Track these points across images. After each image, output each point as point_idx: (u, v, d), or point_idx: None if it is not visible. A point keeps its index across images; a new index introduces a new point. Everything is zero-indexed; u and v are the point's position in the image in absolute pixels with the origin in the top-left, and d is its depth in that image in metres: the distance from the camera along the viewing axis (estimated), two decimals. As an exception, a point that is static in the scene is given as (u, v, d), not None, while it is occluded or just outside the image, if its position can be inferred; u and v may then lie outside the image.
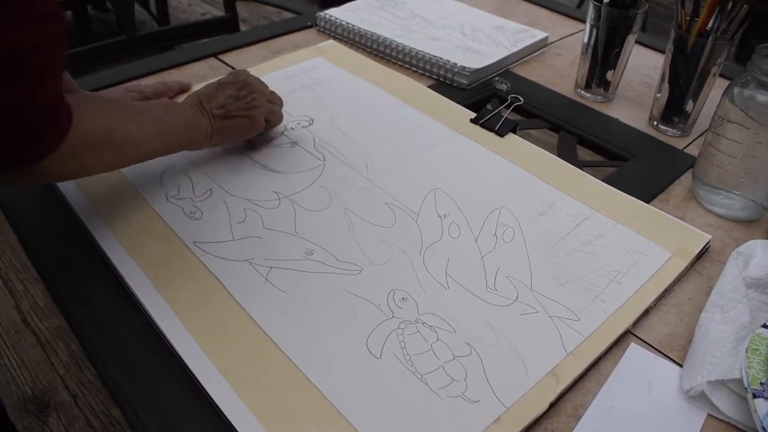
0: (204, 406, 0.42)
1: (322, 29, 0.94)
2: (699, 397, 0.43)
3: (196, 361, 0.44)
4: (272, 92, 0.66)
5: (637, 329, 0.49)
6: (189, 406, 0.42)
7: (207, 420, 0.41)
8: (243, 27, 1.43)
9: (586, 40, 0.77)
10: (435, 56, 0.82)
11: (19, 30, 0.37)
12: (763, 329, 0.44)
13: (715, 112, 0.59)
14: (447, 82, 0.82)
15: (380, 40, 0.87)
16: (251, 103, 0.61)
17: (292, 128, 0.69)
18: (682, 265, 0.54)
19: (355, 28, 0.89)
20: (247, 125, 0.61)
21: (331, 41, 0.90)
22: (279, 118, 0.66)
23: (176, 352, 0.44)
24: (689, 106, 0.71)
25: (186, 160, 0.63)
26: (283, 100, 0.74)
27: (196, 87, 0.75)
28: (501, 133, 0.69)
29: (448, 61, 0.81)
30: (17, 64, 0.38)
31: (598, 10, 0.73)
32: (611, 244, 0.55)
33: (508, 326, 0.47)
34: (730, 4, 0.62)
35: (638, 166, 0.68)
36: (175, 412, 0.42)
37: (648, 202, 0.62)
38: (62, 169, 0.46)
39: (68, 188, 0.58)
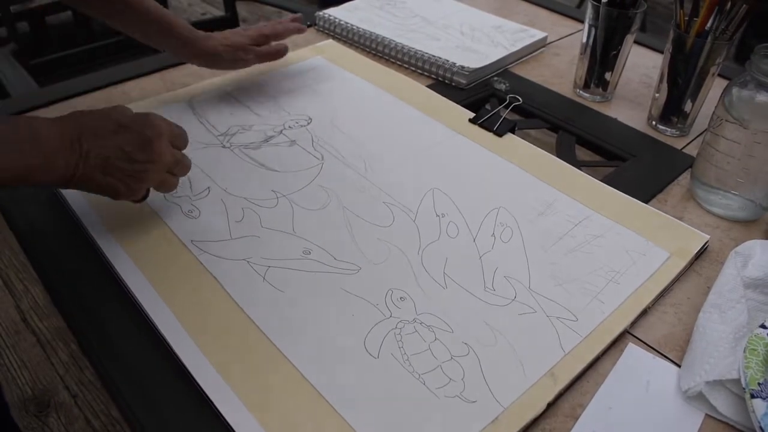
0: (202, 406, 0.42)
1: (321, 29, 0.94)
2: (697, 398, 0.43)
3: (194, 360, 0.44)
4: (181, 160, 0.53)
5: (635, 329, 0.49)
6: (187, 406, 0.42)
7: (205, 420, 0.41)
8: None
9: (584, 40, 0.77)
10: (434, 56, 0.82)
11: None
12: (761, 329, 0.44)
13: (714, 112, 0.59)
14: (446, 81, 0.82)
15: (379, 40, 0.87)
16: (141, 174, 0.49)
17: (290, 127, 0.69)
18: (680, 265, 0.54)
19: (355, 27, 0.89)
20: (120, 191, 0.49)
21: (330, 41, 0.90)
22: (170, 188, 0.54)
23: (174, 352, 0.44)
24: (688, 106, 0.71)
25: (184, 160, 0.63)
26: (283, 99, 0.74)
27: (196, 86, 0.76)
28: (500, 133, 0.69)
29: (447, 60, 0.81)
30: None
31: (596, 10, 0.73)
32: (609, 244, 0.55)
33: (506, 326, 0.47)
34: (729, 4, 0.62)
35: (637, 166, 0.68)
36: (173, 412, 0.42)
37: (646, 202, 0.61)
38: None
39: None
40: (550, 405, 0.43)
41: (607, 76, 0.78)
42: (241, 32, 0.72)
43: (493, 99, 0.81)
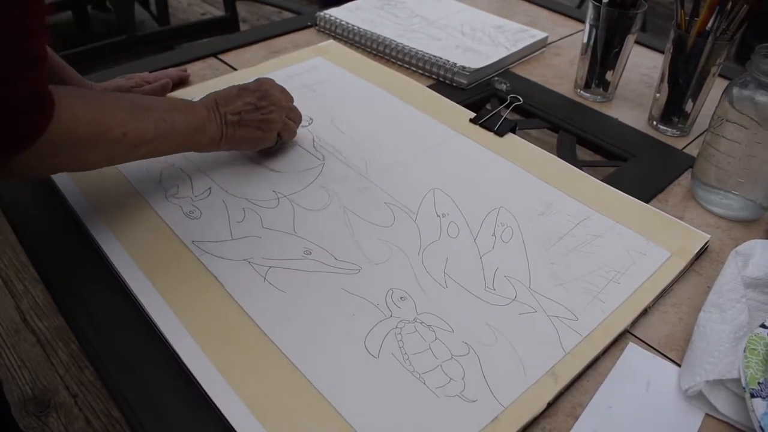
0: (203, 406, 0.42)
1: (322, 29, 0.94)
2: (697, 397, 0.43)
3: (195, 360, 0.44)
4: (293, 107, 0.64)
5: (635, 329, 0.49)
6: (188, 406, 0.42)
7: (206, 419, 0.41)
8: (243, 27, 1.43)
9: (585, 40, 0.77)
10: (435, 56, 0.82)
11: None
12: (762, 329, 0.44)
13: (715, 112, 0.59)
14: (446, 81, 0.82)
15: (380, 40, 0.87)
16: (268, 116, 0.59)
17: (291, 128, 0.69)
18: (680, 264, 0.54)
19: (355, 28, 0.89)
20: (258, 137, 0.60)
21: (331, 41, 0.90)
22: (292, 134, 0.64)
23: (175, 352, 0.44)
24: (688, 106, 0.71)
25: (185, 159, 0.63)
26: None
27: (196, 86, 0.76)
28: (500, 133, 0.69)
29: (448, 60, 0.81)
30: None
31: (597, 10, 0.73)
32: (610, 243, 0.55)
33: (506, 326, 0.47)
34: (730, 4, 0.62)
35: (637, 166, 0.68)
36: (174, 412, 0.42)
37: (647, 202, 0.62)
38: (41, 165, 0.44)
39: (67, 187, 0.58)
40: (550, 404, 0.43)
41: (608, 76, 0.78)
42: (128, 77, 0.74)
43: (493, 99, 0.81)
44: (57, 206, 0.58)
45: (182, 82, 0.77)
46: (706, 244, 0.56)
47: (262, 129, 0.59)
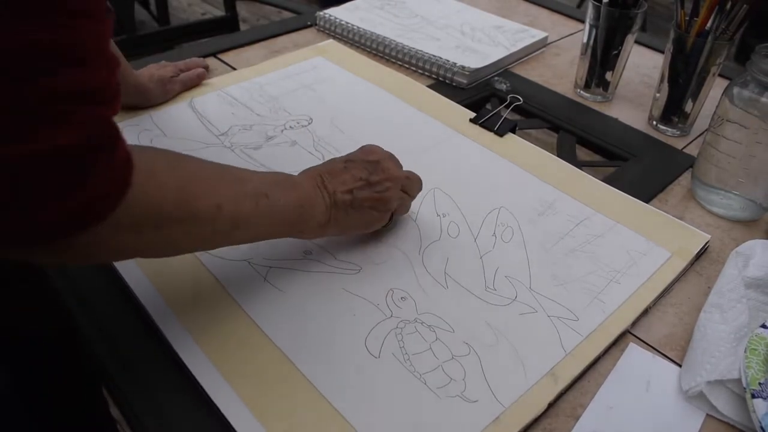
0: (203, 406, 0.42)
1: (321, 29, 0.94)
2: (698, 397, 0.43)
3: (195, 360, 0.44)
4: (408, 175, 0.53)
5: (636, 329, 0.49)
6: (188, 406, 0.42)
7: (206, 419, 0.41)
8: (243, 27, 1.43)
9: (585, 40, 0.77)
10: (434, 56, 0.82)
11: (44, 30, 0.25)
12: (762, 329, 0.44)
13: (715, 112, 0.59)
14: (446, 81, 0.82)
15: (380, 40, 0.87)
16: (383, 194, 0.49)
17: (291, 127, 0.69)
18: (681, 265, 0.54)
19: (355, 27, 0.89)
20: (373, 219, 0.50)
21: (331, 41, 0.90)
22: (407, 208, 0.55)
23: (175, 352, 0.44)
24: (688, 106, 0.71)
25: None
26: (284, 99, 0.74)
27: (197, 87, 0.76)
28: (500, 133, 0.69)
29: (448, 60, 0.81)
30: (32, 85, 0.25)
31: (597, 10, 0.73)
32: (610, 243, 0.55)
33: (506, 326, 0.47)
34: (730, 4, 0.62)
35: (637, 166, 0.68)
36: (174, 412, 0.42)
37: (647, 202, 0.62)
38: (111, 247, 0.33)
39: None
40: (551, 405, 0.43)
41: (608, 76, 0.78)
42: (162, 65, 0.74)
43: (493, 99, 0.81)
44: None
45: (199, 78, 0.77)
46: (706, 244, 0.56)
47: (377, 209, 0.49)
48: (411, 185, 0.53)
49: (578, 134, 0.74)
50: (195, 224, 0.37)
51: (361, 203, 0.48)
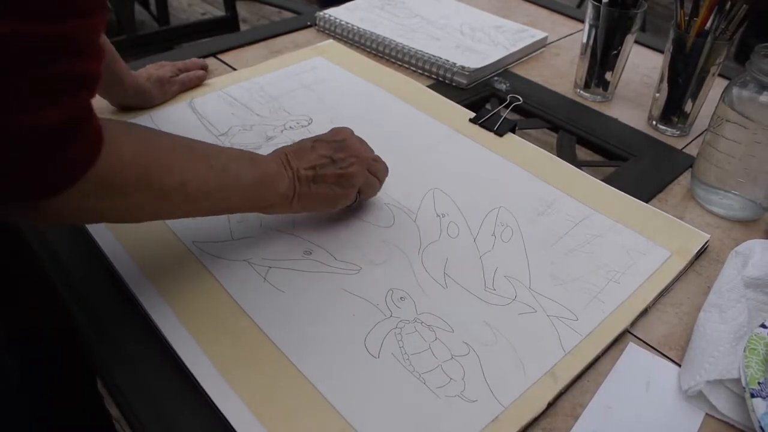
0: (203, 406, 0.42)
1: (321, 29, 0.94)
2: (697, 397, 0.43)
3: (195, 360, 0.44)
4: (376, 158, 0.56)
5: (635, 329, 0.49)
6: (188, 406, 0.42)
7: (206, 419, 0.41)
8: (243, 27, 1.43)
9: (585, 40, 0.77)
10: (434, 56, 0.82)
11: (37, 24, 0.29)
12: (761, 329, 0.44)
13: (714, 112, 0.59)
14: (446, 81, 0.82)
15: (380, 40, 0.87)
16: (347, 169, 0.51)
17: (291, 128, 0.69)
18: (680, 264, 0.54)
19: (355, 27, 0.89)
20: (337, 195, 0.51)
21: (331, 41, 0.90)
22: (374, 191, 0.56)
23: (175, 352, 0.44)
24: (688, 106, 0.71)
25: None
26: (283, 99, 0.74)
27: (197, 87, 0.76)
28: (500, 133, 0.69)
29: (448, 60, 0.81)
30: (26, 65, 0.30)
31: (597, 9, 0.73)
32: (610, 243, 0.55)
33: (506, 326, 0.47)
34: (729, 4, 0.62)
35: (637, 166, 0.68)
36: (174, 412, 0.42)
37: (647, 202, 0.62)
38: (78, 211, 0.38)
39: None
40: (550, 404, 0.43)
41: (608, 76, 0.78)
42: (160, 65, 0.74)
43: (493, 99, 0.81)
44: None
45: (203, 68, 0.78)
46: (705, 244, 0.56)
47: (340, 185, 0.51)
48: (378, 168, 0.55)
49: (578, 134, 0.74)
50: (157, 197, 0.40)
51: (324, 178, 0.50)
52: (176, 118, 0.70)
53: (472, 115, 0.72)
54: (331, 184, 0.51)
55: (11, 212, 0.37)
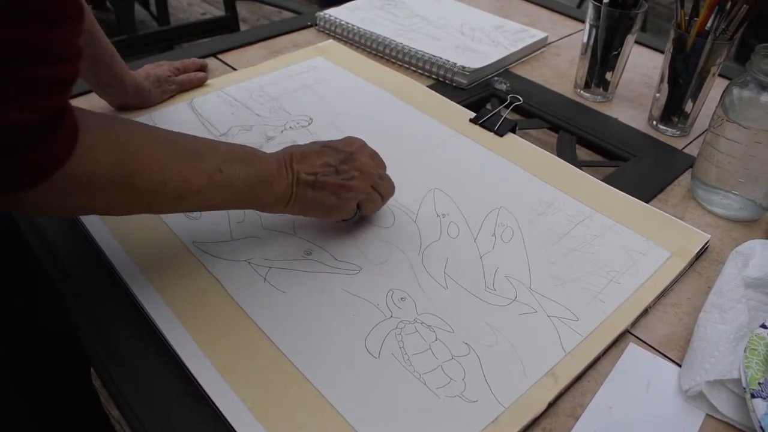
0: (203, 406, 0.42)
1: (322, 29, 0.94)
2: (697, 397, 0.43)
3: (195, 361, 0.44)
4: (383, 176, 0.54)
5: (635, 329, 0.49)
6: (188, 406, 0.42)
7: (206, 420, 0.41)
8: (243, 27, 1.43)
9: (585, 40, 0.77)
10: (434, 56, 0.82)
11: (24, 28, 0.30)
12: (762, 329, 0.44)
13: (715, 112, 0.59)
14: (446, 81, 0.82)
15: (380, 40, 0.87)
16: (348, 182, 0.50)
17: (291, 128, 0.69)
18: (681, 264, 0.54)
19: (355, 27, 0.89)
20: (333, 205, 0.50)
21: (331, 41, 0.90)
22: (375, 207, 0.55)
23: (175, 352, 0.44)
24: (688, 106, 0.71)
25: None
26: (284, 99, 0.74)
27: (197, 90, 0.76)
28: (500, 133, 0.69)
29: (448, 60, 0.81)
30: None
31: (597, 10, 0.73)
32: (610, 243, 0.55)
33: (506, 326, 0.47)
34: (730, 4, 0.62)
35: (637, 166, 0.68)
36: (174, 412, 0.42)
37: (647, 202, 0.62)
38: (58, 204, 0.39)
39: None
40: (550, 405, 0.43)
41: (608, 76, 0.78)
42: (158, 65, 0.74)
43: (493, 99, 0.81)
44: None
45: (201, 69, 0.78)
46: (706, 244, 0.56)
47: (338, 195, 0.50)
48: (383, 186, 0.54)
49: (578, 134, 0.74)
50: (136, 194, 0.41)
51: (324, 186, 0.49)
52: (176, 118, 0.70)
53: (473, 115, 0.72)
54: (330, 193, 0.50)
55: None
